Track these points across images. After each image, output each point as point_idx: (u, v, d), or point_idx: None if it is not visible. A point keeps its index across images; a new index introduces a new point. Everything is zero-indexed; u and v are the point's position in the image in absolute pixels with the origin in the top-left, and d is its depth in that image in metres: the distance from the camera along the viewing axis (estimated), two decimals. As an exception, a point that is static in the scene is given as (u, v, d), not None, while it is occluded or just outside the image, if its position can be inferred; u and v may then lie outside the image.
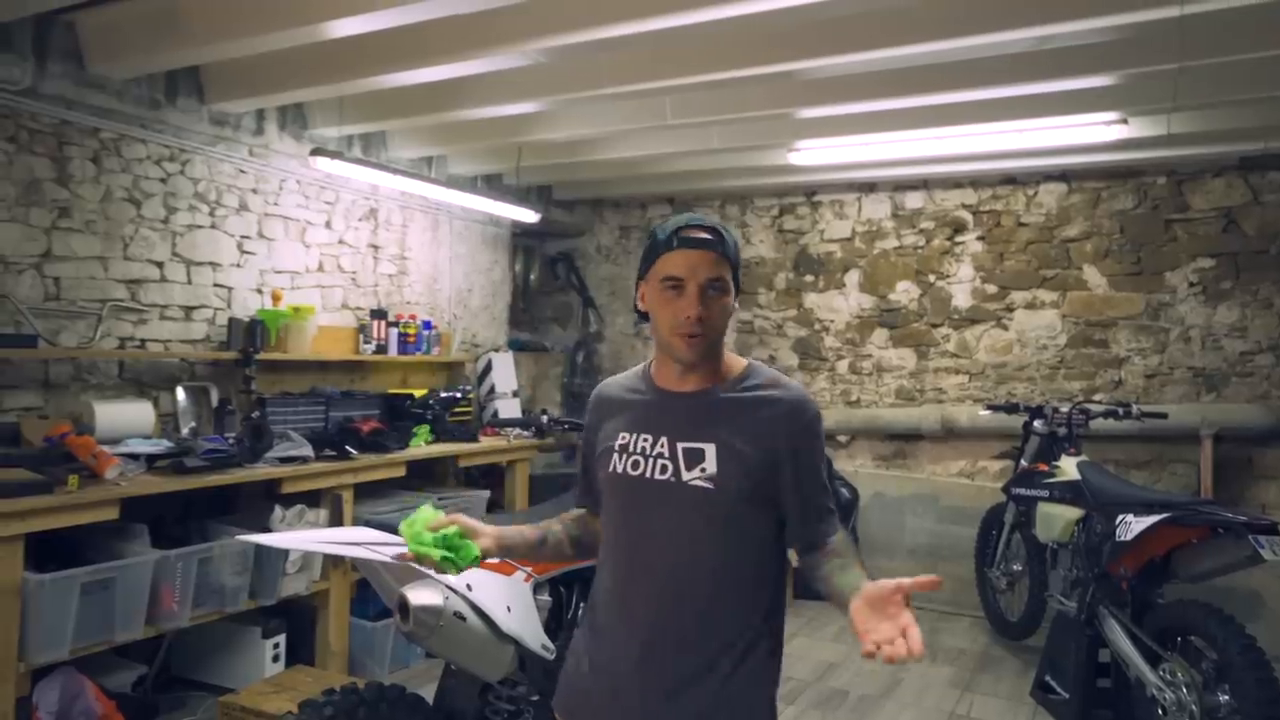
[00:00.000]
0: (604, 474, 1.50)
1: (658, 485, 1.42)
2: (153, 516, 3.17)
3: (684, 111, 4.10)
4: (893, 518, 5.29)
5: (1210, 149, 4.49)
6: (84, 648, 2.80)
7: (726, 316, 1.44)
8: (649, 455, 1.44)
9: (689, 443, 1.42)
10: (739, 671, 1.42)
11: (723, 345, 1.49)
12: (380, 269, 4.97)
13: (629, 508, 1.47)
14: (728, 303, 1.43)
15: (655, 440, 1.45)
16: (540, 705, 2.21)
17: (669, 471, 1.42)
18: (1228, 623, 2.78)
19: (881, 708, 3.65)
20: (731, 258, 1.43)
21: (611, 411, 1.55)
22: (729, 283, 1.43)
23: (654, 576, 1.44)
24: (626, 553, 1.48)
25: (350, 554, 2.08)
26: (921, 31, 3.05)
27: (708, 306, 1.40)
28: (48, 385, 3.36)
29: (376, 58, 3.46)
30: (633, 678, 1.43)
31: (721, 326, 1.44)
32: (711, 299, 1.40)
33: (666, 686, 1.41)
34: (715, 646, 1.42)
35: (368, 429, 4.06)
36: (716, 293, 1.41)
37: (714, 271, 1.40)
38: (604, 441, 1.52)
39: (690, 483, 1.40)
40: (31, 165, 3.30)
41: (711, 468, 1.40)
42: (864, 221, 5.74)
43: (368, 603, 3.89)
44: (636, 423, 1.48)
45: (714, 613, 1.42)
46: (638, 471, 1.44)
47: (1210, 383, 4.84)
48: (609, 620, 1.49)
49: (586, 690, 1.51)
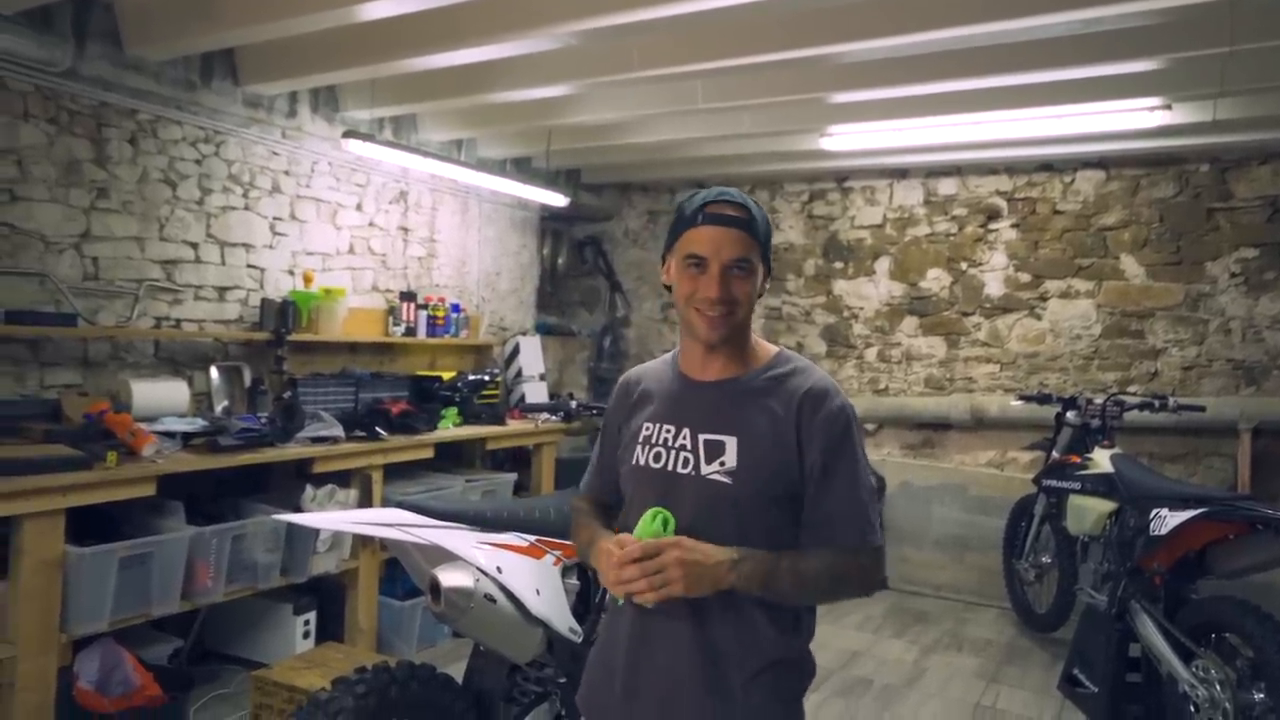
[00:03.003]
0: (626, 467, 1.46)
1: (679, 478, 1.37)
2: (187, 494, 3.23)
3: (715, 95, 4.07)
4: (920, 507, 5.25)
5: (1257, 135, 4.36)
6: (122, 620, 2.87)
7: (752, 298, 1.37)
8: (671, 447, 1.39)
9: (710, 434, 1.37)
10: (754, 684, 1.34)
11: (749, 330, 1.43)
12: (410, 251, 5.00)
13: (650, 501, 1.40)
14: (754, 284, 1.36)
15: (678, 432, 1.39)
16: (567, 688, 2.23)
17: (690, 465, 1.36)
18: (1265, 620, 2.72)
19: (905, 698, 3.63)
20: (760, 236, 1.36)
21: (638, 402, 1.50)
22: (755, 263, 1.36)
23: None
24: None
25: (383, 534, 2.11)
26: (960, 15, 2.99)
27: (729, 287, 1.33)
28: (87, 363, 3.43)
29: (408, 40, 3.46)
30: (630, 678, 1.40)
31: (747, 308, 1.37)
32: (735, 279, 1.34)
33: (662, 693, 1.36)
34: (728, 655, 1.34)
35: (397, 410, 4.10)
36: (741, 273, 1.34)
37: (739, 251, 1.33)
38: (629, 433, 1.47)
39: (709, 476, 1.34)
40: (71, 146, 3.35)
41: (731, 461, 1.34)
42: (895, 208, 5.66)
43: (396, 581, 3.94)
44: (661, 414, 1.44)
45: (730, 618, 1.35)
46: (660, 464, 1.39)
47: (1250, 375, 4.74)
48: (620, 615, 1.44)
49: (595, 684, 1.49)
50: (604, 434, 1.59)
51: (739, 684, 1.35)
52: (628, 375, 1.57)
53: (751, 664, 1.35)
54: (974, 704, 3.59)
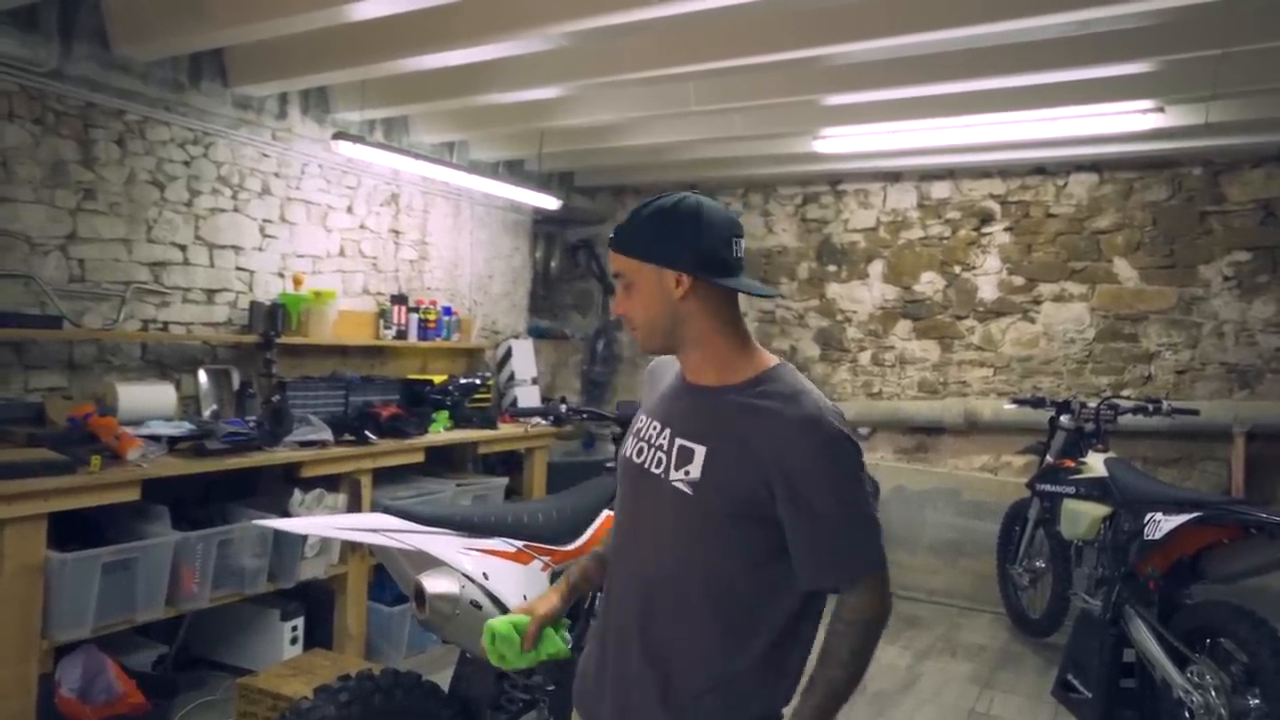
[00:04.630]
0: (620, 454, 1.49)
1: (649, 478, 1.36)
2: (174, 498, 3.19)
3: (707, 98, 4.05)
4: (913, 512, 5.24)
5: (1250, 139, 4.36)
6: (105, 626, 2.83)
7: (651, 307, 1.34)
8: (653, 444, 1.38)
9: (685, 440, 1.33)
10: (702, 701, 1.30)
11: (719, 339, 1.36)
12: (401, 254, 4.97)
13: (626, 494, 1.43)
14: (643, 294, 1.34)
15: (662, 430, 1.38)
16: (555, 695, 2.20)
17: (661, 466, 1.35)
18: (1260, 625, 2.71)
19: (899, 704, 3.61)
20: (629, 248, 1.35)
21: (651, 392, 1.53)
22: (631, 277, 1.35)
23: (630, 573, 1.39)
24: (617, 540, 1.45)
25: (368, 540, 2.08)
26: (953, 17, 2.98)
27: (623, 302, 1.39)
28: (72, 366, 3.39)
29: (399, 41, 3.43)
30: (600, 678, 1.41)
31: (648, 318, 1.35)
32: (623, 295, 1.39)
33: (620, 700, 1.36)
34: (678, 667, 1.31)
35: (387, 414, 4.06)
36: (623, 291, 1.38)
37: (615, 267, 1.39)
38: (635, 419, 1.49)
39: (673, 483, 1.31)
40: (57, 147, 3.32)
41: (695, 472, 1.29)
42: (889, 211, 5.65)
43: (385, 587, 3.90)
44: (655, 409, 1.44)
45: (680, 630, 1.31)
46: (640, 459, 1.39)
47: (1244, 379, 4.73)
48: (601, 610, 1.47)
49: (583, 674, 1.49)
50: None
51: (689, 698, 1.31)
52: (655, 363, 1.63)
53: (698, 678, 1.30)
54: (968, 710, 3.57)
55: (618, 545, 1.45)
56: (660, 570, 1.34)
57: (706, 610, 1.31)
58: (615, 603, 1.42)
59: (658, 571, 1.34)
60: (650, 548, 1.36)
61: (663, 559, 1.34)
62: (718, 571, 1.31)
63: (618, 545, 1.45)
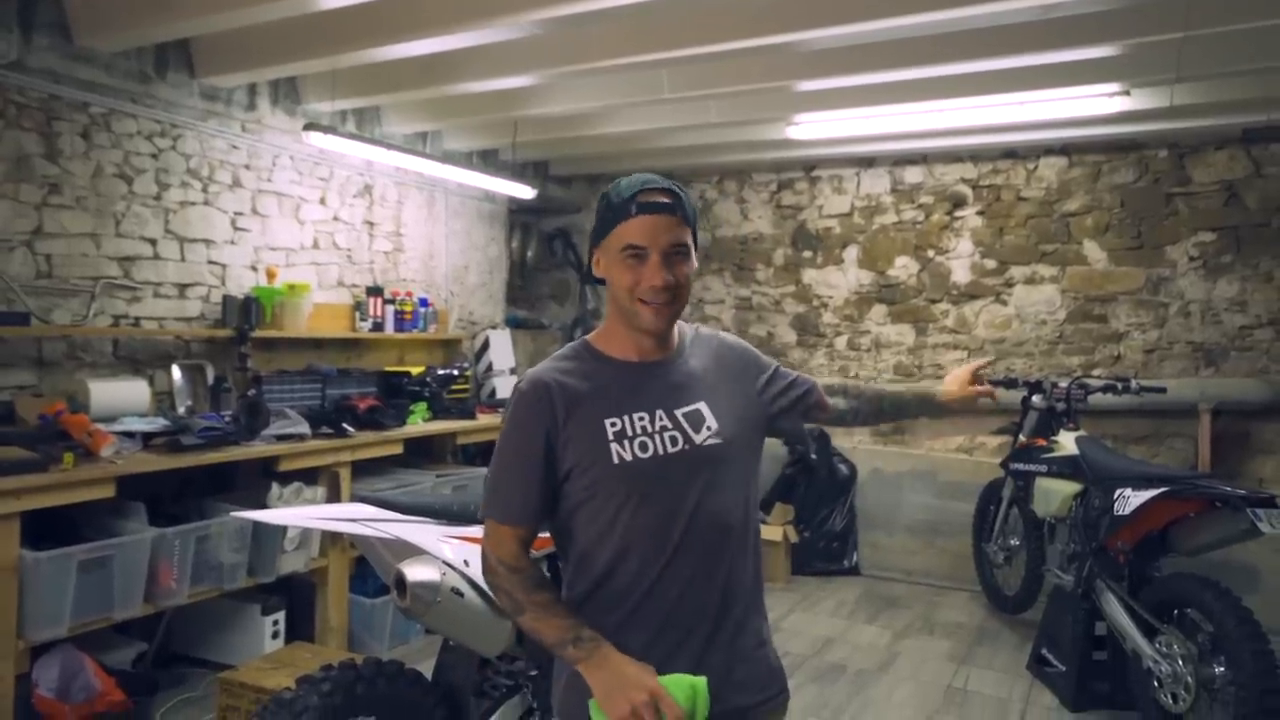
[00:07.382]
0: (600, 469, 1.35)
1: (678, 458, 1.36)
2: (150, 495, 3.16)
3: (681, 85, 4.05)
4: (890, 494, 5.30)
5: (1212, 121, 4.44)
6: (83, 625, 2.81)
7: (690, 282, 1.39)
8: (652, 433, 1.36)
9: (684, 407, 1.40)
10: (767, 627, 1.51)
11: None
12: (376, 246, 4.94)
13: (649, 492, 1.35)
14: (692, 266, 1.38)
15: (651, 415, 1.38)
16: (538, 680, 2.21)
17: (680, 441, 1.37)
18: (1224, 595, 2.78)
19: (879, 681, 3.67)
20: (690, 219, 1.38)
21: (571, 404, 1.37)
22: (690, 246, 1.38)
23: (696, 550, 1.36)
24: (656, 539, 1.36)
25: (348, 530, 2.08)
26: (923, 1, 3.00)
27: (672, 273, 1.34)
28: (41, 363, 3.34)
29: (369, 30, 3.40)
30: (710, 651, 1.38)
31: (688, 292, 1.40)
32: (676, 264, 1.35)
33: (739, 656, 1.43)
34: (757, 605, 1.48)
35: (364, 406, 4.05)
36: (680, 257, 1.36)
37: (676, 236, 1.34)
38: (579, 435, 1.36)
39: (704, 444, 1.38)
40: (20, 141, 3.26)
41: (714, 423, 1.40)
42: (863, 197, 5.69)
43: (367, 579, 3.89)
44: (622, 405, 1.38)
45: (752, 568, 1.46)
46: (649, 453, 1.36)
47: (1209, 357, 4.83)
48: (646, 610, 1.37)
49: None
50: (525, 448, 1.39)
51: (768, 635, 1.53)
52: (535, 382, 1.39)
53: (762, 623, 1.50)
54: (945, 686, 3.63)
55: (654, 546, 1.36)
56: (729, 528, 1.41)
57: (756, 545, 1.48)
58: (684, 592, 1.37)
59: (727, 531, 1.40)
60: (707, 516, 1.38)
61: (729, 512, 1.41)
62: (752, 507, 1.47)
63: (654, 546, 1.36)
